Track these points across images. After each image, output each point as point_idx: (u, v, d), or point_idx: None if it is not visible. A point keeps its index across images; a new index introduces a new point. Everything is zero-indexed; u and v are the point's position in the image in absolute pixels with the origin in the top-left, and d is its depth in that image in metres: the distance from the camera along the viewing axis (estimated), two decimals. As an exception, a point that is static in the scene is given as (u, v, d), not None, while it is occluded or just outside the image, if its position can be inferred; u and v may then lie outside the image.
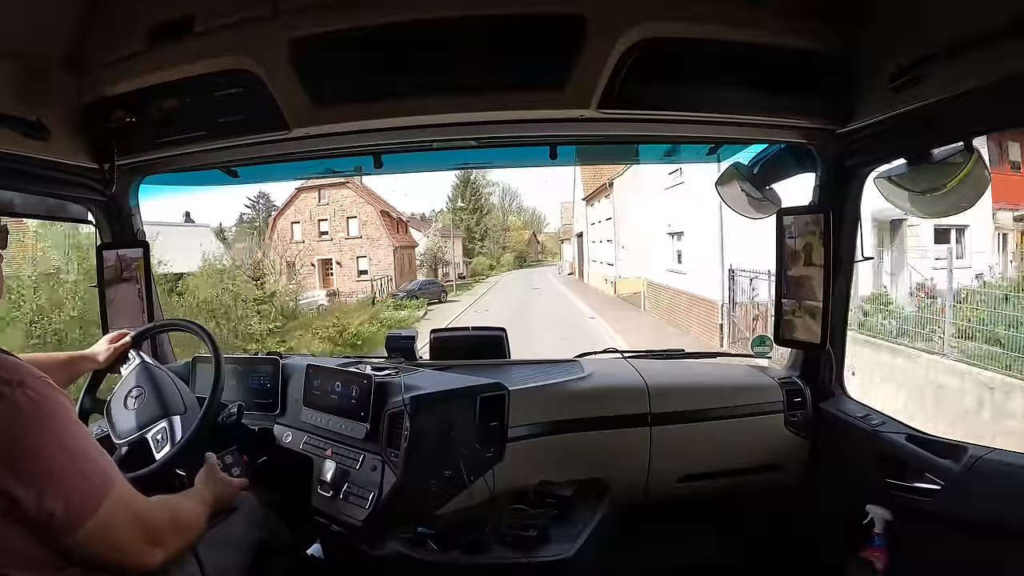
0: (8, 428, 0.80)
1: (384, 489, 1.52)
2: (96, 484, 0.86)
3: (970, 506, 1.38)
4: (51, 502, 0.81)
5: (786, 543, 1.94)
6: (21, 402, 0.82)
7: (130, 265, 1.98)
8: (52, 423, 0.84)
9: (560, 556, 1.43)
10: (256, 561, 1.29)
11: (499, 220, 58.06)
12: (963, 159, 1.36)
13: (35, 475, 0.81)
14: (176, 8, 1.46)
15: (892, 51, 1.33)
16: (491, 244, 54.40)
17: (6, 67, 1.38)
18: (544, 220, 68.69)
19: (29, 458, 0.81)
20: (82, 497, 0.84)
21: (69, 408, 0.89)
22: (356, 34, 1.41)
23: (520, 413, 1.70)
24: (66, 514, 0.82)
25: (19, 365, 0.86)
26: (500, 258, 54.02)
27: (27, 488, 0.79)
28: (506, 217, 60.59)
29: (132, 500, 0.93)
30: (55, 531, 0.82)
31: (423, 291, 26.01)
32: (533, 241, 62.72)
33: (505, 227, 58.80)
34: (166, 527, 0.98)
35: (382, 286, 26.89)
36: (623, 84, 1.43)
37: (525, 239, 60.67)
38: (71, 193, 1.80)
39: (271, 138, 1.63)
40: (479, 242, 52.99)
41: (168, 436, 1.37)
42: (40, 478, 0.81)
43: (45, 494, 0.80)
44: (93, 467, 0.88)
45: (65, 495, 0.82)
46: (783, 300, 1.88)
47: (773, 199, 1.98)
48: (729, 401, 1.90)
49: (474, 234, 52.37)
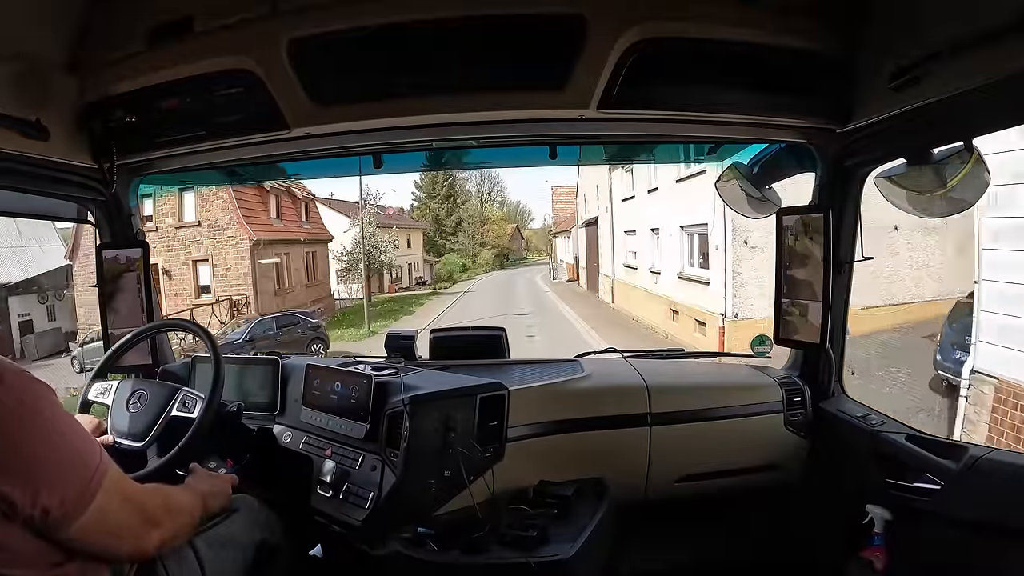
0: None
1: (384, 489, 1.52)
2: (88, 475, 0.86)
3: (969, 506, 1.38)
4: (46, 499, 0.80)
5: (786, 543, 1.94)
6: (5, 400, 0.80)
7: (130, 265, 1.99)
8: (38, 418, 0.83)
9: (560, 556, 1.43)
10: (256, 561, 1.29)
11: (476, 210, 49.50)
12: (963, 159, 1.36)
13: (28, 474, 0.80)
14: (176, 8, 1.46)
15: (892, 50, 1.33)
16: (466, 239, 46.12)
17: (6, 67, 1.38)
18: (529, 215, 61.26)
19: (20, 457, 0.80)
20: (76, 490, 0.84)
21: (53, 399, 0.88)
22: (356, 34, 1.41)
23: (520, 413, 1.70)
24: (61, 509, 0.82)
25: (0, 360, 0.85)
26: (476, 256, 45.59)
27: (22, 488, 0.79)
28: (484, 207, 51.79)
29: (125, 485, 0.93)
30: (52, 527, 0.82)
31: (271, 335, 13.64)
32: (517, 236, 55.20)
33: (483, 218, 50.11)
34: (160, 509, 0.98)
35: (229, 315, 15.62)
36: (623, 84, 1.43)
37: (507, 233, 52.41)
38: (71, 193, 1.80)
39: (271, 138, 1.63)
40: (450, 237, 45.07)
41: (194, 399, 1.44)
42: (33, 476, 0.80)
43: (39, 492, 0.80)
44: (84, 458, 0.87)
45: (60, 491, 0.82)
46: (783, 300, 1.88)
47: (773, 199, 1.98)
48: (729, 401, 1.90)
49: (444, 227, 44.84)
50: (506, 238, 51.91)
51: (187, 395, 1.47)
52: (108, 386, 1.54)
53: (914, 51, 1.25)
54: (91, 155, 1.69)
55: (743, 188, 1.99)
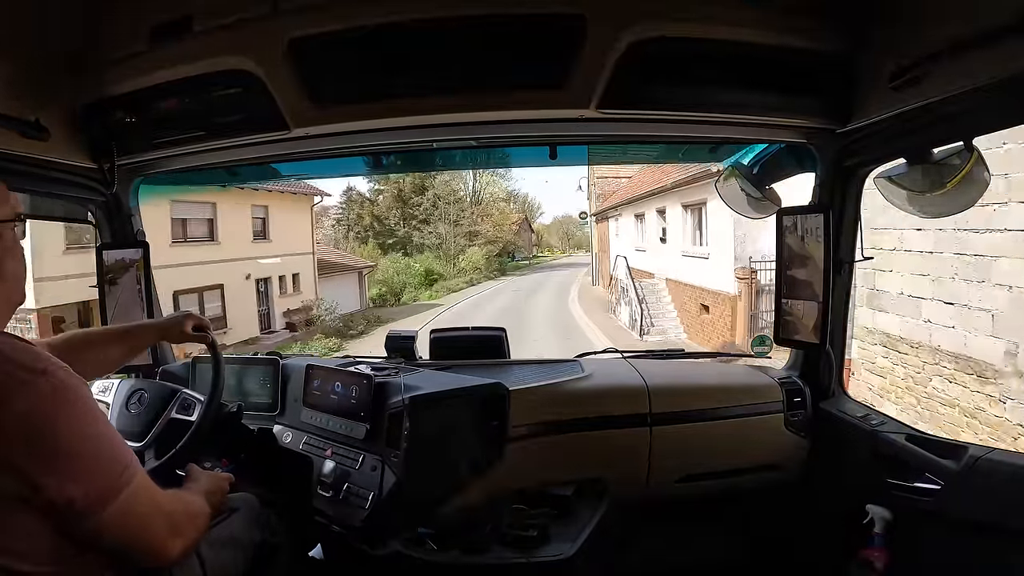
0: (31, 415, 0.81)
1: (384, 489, 1.52)
2: (117, 471, 0.87)
3: (970, 506, 1.38)
4: (72, 488, 0.81)
5: (786, 543, 1.94)
6: (44, 390, 0.83)
7: (130, 265, 1.99)
8: (74, 410, 0.85)
9: (560, 556, 1.43)
10: (257, 561, 1.29)
11: (466, 194, 34.57)
12: (963, 159, 1.36)
13: (57, 462, 0.82)
14: (175, 8, 1.45)
15: (892, 50, 1.33)
16: (448, 231, 30.66)
17: (6, 67, 1.38)
18: (538, 209, 48.12)
19: (52, 445, 0.82)
20: (103, 484, 0.85)
21: (90, 397, 0.90)
22: (356, 34, 1.40)
23: (520, 413, 1.70)
24: (86, 501, 0.83)
25: (41, 354, 0.87)
26: (460, 256, 29.94)
27: (49, 475, 0.80)
28: (481, 191, 35.71)
29: (155, 491, 0.94)
30: (74, 518, 0.83)
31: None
32: (525, 228, 41.08)
33: (476, 201, 34.92)
34: (184, 518, 0.99)
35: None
36: (623, 84, 1.43)
37: (512, 224, 37.04)
38: (71, 193, 1.81)
39: (271, 138, 1.63)
40: (421, 227, 30.47)
41: (194, 401, 1.44)
42: (62, 464, 0.82)
43: (66, 480, 0.81)
44: (114, 455, 0.88)
45: (86, 482, 0.83)
46: (783, 300, 1.88)
47: (773, 199, 1.98)
48: (729, 401, 1.90)
49: (412, 213, 30.56)
50: (510, 230, 36.29)
51: (187, 397, 1.47)
52: (109, 384, 1.55)
53: (914, 51, 1.25)
54: (91, 155, 1.69)
55: (743, 188, 1.99)
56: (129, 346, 1.42)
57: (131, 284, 1.98)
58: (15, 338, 0.89)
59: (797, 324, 1.84)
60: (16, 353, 0.84)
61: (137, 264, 1.99)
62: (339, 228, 32.91)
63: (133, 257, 1.99)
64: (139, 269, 1.99)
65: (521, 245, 38.90)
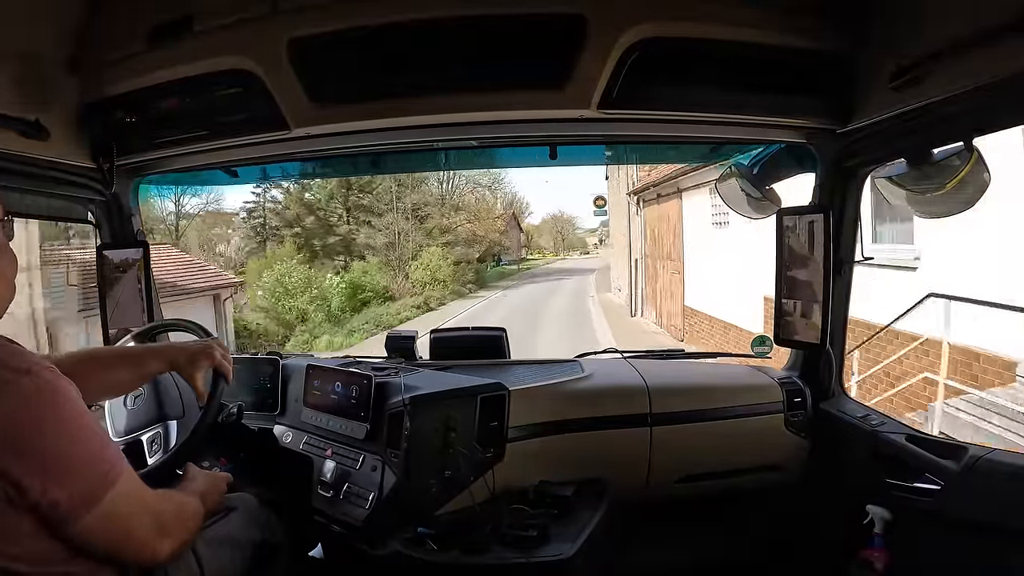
0: (15, 415, 0.80)
1: (384, 489, 1.52)
2: (102, 472, 0.86)
3: (970, 506, 1.38)
4: (56, 490, 0.80)
5: (786, 543, 1.94)
6: (28, 390, 0.81)
7: (130, 265, 1.99)
8: (59, 411, 0.84)
9: (560, 556, 1.43)
10: (256, 561, 1.28)
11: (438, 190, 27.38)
12: (963, 159, 1.36)
13: (41, 462, 0.80)
14: (175, 8, 1.46)
15: (892, 50, 1.33)
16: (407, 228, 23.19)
17: (6, 67, 1.38)
18: (527, 208, 41.96)
19: (36, 445, 0.81)
20: (87, 486, 0.84)
21: (76, 398, 0.88)
22: (356, 34, 1.41)
23: (520, 413, 1.70)
24: (70, 503, 0.82)
25: (26, 353, 0.86)
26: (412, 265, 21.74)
27: (33, 476, 0.79)
28: (451, 185, 28.14)
29: (141, 491, 0.93)
30: (59, 520, 0.82)
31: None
32: (513, 227, 34.79)
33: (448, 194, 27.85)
34: (173, 518, 0.98)
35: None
36: (623, 84, 1.43)
37: (497, 222, 30.24)
38: (71, 193, 1.80)
39: (271, 138, 1.63)
40: (373, 220, 22.61)
41: (162, 442, 1.38)
42: (46, 465, 0.81)
43: (50, 482, 0.80)
44: (99, 456, 0.87)
45: (70, 483, 0.82)
46: (783, 300, 1.88)
47: (773, 199, 1.98)
48: (729, 401, 1.90)
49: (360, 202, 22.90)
50: (493, 228, 29.78)
51: (163, 432, 1.45)
52: None
53: (914, 51, 1.25)
54: (91, 155, 1.69)
55: (743, 188, 1.98)
56: (139, 373, 1.30)
57: (131, 284, 1.98)
58: (1, 337, 0.87)
59: (797, 324, 1.84)
60: (0, 352, 0.83)
61: (137, 264, 1.99)
62: (249, 222, 24.81)
63: (133, 257, 1.99)
64: (139, 269, 1.99)
65: (508, 244, 33.05)
